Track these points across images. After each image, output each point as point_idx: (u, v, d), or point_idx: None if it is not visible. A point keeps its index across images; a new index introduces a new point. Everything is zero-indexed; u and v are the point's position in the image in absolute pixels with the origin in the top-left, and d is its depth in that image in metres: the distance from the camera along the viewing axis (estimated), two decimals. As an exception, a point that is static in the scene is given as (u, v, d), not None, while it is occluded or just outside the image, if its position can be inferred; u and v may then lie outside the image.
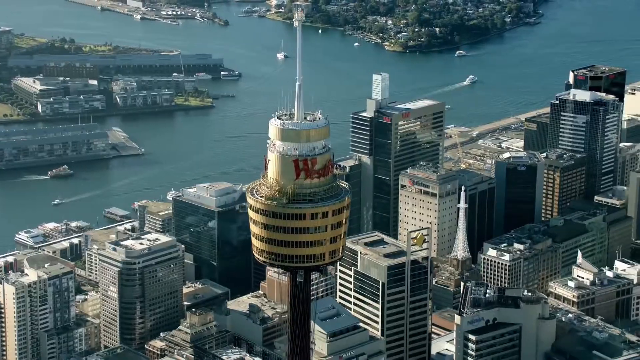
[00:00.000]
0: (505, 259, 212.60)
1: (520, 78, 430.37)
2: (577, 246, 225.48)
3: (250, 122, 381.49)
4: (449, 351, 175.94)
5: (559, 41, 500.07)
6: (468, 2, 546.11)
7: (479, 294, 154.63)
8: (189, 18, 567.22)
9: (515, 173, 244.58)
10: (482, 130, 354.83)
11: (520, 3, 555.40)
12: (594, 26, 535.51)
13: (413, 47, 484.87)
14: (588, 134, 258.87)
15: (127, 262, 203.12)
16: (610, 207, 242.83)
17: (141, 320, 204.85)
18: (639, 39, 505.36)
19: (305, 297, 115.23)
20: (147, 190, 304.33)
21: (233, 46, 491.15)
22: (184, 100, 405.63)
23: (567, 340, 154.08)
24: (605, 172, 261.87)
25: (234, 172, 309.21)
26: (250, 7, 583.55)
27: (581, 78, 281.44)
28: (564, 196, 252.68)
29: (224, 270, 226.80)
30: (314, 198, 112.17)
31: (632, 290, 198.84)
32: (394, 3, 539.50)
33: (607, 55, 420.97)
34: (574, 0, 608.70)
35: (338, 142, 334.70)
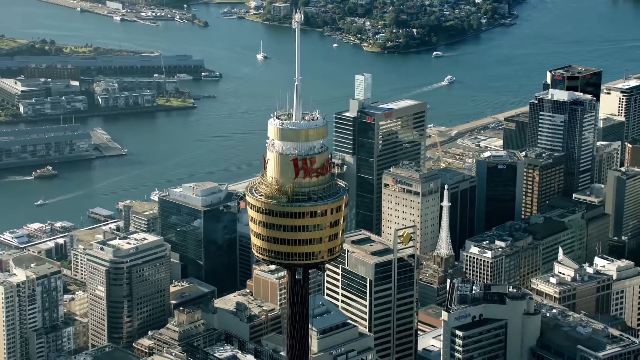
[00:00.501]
0: (488, 256, 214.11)
1: (497, 78, 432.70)
2: (557, 243, 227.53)
3: (231, 122, 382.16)
4: (435, 347, 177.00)
5: (534, 42, 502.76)
6: (444, 4, 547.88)
7: (466, 290, 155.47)
8: (168, 19, 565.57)
9: (495, 172, 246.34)
10: (460, 129, 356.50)
11: (496, 4, 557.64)
12: (568, 27, 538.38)
13: (391, 48, 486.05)
14: (566, 133, 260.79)
15: (115, 261, 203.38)
16: (588, 205, 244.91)
17: (129, 319, 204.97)
18: (611, 40, 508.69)
19: (304, 294, 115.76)
20: (130, 191, 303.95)
21: (213, 47, 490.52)
22: (165, 101, 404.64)
23: (552, 335, 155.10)
24: (583, 170, 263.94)
25: (216, 172, 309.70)
26: (229, 9, 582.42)
27: (558, 78, 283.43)
28: (543, 194, 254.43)
29: (210, 269, 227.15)
30: (313, 196, 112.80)
31: (611, 286, 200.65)
32: (372, 4, 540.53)
33: (581, 56, 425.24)
34: (547, 2, 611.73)
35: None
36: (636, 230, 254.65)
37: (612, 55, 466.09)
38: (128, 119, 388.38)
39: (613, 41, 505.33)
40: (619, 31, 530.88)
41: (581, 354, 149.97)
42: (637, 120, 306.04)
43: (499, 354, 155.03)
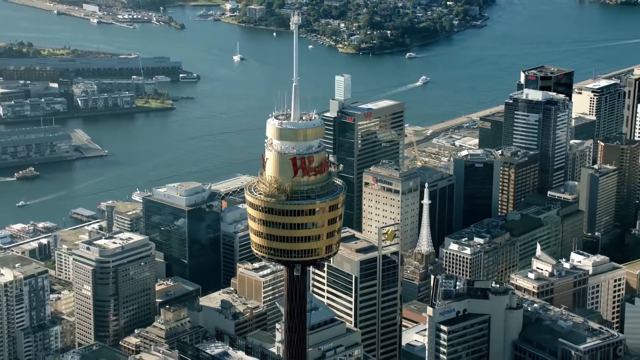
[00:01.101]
0: (467, 253, 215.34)
1: (469, 79, 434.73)
2: (534, 239, 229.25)
3: (210, 123, 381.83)
4: (418, 342, 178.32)
5: (505, 43, 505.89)
6: (417, 6, 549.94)
7: (449, 286, 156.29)
8: (145, 22, 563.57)
9: (473, 170, 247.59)
10: (435, 129, 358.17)
11: (467, 6, 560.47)
12: (537, 29, 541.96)
13: (366, 49, 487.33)
14: (540, 131, 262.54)
15: (101, 261, 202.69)
16: (563, 202, 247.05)
17: (115, 317, 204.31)
18: (578, 40, 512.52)
19: (302, 290, 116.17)
20: (111, 191, 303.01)
21: (190, 49, 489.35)
22: (144, 102, 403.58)
23: (534, 329, 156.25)
24: (557, 168, 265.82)
25: (196, 172, 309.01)
26: (205, 11, 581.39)
27: (532, 78, 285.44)
28: (519, 191, 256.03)
29: (194, 267, 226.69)
30: (311, 195, 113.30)
31: (587, 281, 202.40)
32: (346, 7, 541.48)
33: (550, 57, 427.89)
34: (517, 4, 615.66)
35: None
36: (609, 226, 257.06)
37: (581, 56, 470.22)
38: (107, 120, 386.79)
39: (580, 42, 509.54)
40: (586, 32, 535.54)
41: (562, 347, 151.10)
42: (608, 119, 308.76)
43: (483, 348, 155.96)
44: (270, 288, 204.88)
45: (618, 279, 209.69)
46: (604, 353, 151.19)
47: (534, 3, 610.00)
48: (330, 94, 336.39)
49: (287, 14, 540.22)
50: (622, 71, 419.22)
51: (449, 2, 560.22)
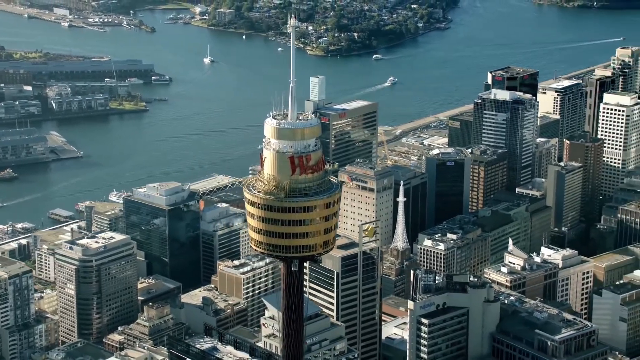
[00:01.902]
0: (440, 248, 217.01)
1: (435, 79, 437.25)
2: (504, 235, 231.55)
3: (183, 124, 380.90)
4: (397, 335, 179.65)
5: (468, 45, 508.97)
6: (383, 9, 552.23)
7: (429, 280, 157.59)
8: (116, 25, 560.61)
9: (444, 168, 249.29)
10: (404, 128, 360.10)
11: (431, 9, 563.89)
12: (498, 31, 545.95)
13: (334, 52, 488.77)
14: (508, 130, 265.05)
15: (84, 260, 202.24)
16: (531, 198, 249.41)
17: (98, 315, 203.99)
18: (538, 42, 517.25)
19: (299, 285, 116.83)
20: (88, 192, 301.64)
21: (161, 52, 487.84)
22: (118, 104, 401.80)
23: (511, 321, 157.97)
24: (525, 165, 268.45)
25: (172, 172, 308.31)
26: (175, 15, 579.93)
27: (499, 79, 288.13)
28: (488, 189, 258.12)
29: (174, 265, 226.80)
30: (309, 192, 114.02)
31: (557, 274, 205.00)
32: (314, 10, 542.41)
33: (512, 58, 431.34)
34: (479, 7, 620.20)
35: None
36: (575, 221, 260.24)
37: (541, 57, 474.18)
38: (82, 123, 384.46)
39: (540, 44, 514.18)
40: (545, 35, 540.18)
41: (539, 337, 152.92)
42: (571, 118, 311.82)
43: (462, 340, 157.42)
44: (250, 285, 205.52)
45: (586, 272, 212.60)
46: (579, 343, 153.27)
47: (494, 6, 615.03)
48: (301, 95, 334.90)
49: (256, 17, 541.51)
50: (581, 72, 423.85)
51: (414, 6, 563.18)
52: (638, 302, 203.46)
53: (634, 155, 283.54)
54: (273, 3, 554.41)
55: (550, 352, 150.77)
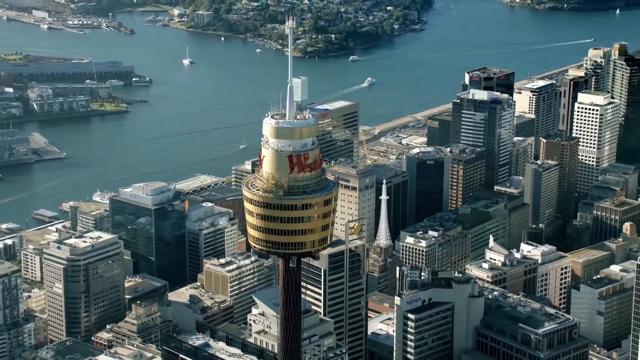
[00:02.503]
0: (422, 245, 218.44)
1: (412, 80, 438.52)
2: (484, 232, 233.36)
3: (164, 125, 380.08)
4: (383, 330, 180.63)
5: (443, 46, 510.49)
6: (359, 11, 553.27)
7: (415, 276, 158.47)
8: (95, 27, 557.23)
9: (424, 167, 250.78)
10: (383, 128, 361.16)
11: (406, 11, 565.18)
12: (472, 32, 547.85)
13: (311, 53, 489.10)
14: (486, 129, 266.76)
15: (72, 259, 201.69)
16: (509, 196, 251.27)
17: (86, 313, 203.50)
18: (511, 43, 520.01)
19: (297, 281, 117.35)
20: (71, 192, 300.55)
21: (141, 54, 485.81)
22: (99, 105, 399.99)
23: (495, 315, 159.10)
24: (502, 164, 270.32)
25: (155, 172, 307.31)
26: (154, 17, 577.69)
27: (476, 79, 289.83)
28: (467, 187, 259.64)
29: (161, 264, 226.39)
30: (307, 190, 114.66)
31: (537, 270, 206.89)
32: (291, 12, 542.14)
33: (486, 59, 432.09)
34: (452, 9, 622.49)
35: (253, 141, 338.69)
36: (551, 218, 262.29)
37: (514, 58, 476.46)
38: (64, 124, 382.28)
39: (513, 45, 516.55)
40: (518, 36, 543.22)
41: (522, 331, 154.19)
42: (546, 117, 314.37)
43: (447, 334, 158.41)
44: (236, 282, 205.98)
45: (564, 267, 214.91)
46: (561, 336, 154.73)
47: (468, 8, 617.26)
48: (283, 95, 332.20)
49: (234, 19, 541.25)
50: (553, 72, 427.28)
51: (389, 8, 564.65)
52: (614, 296, 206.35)
53: (607, 153, 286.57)
54: (251, 5, 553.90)
55: (534, 345, 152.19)
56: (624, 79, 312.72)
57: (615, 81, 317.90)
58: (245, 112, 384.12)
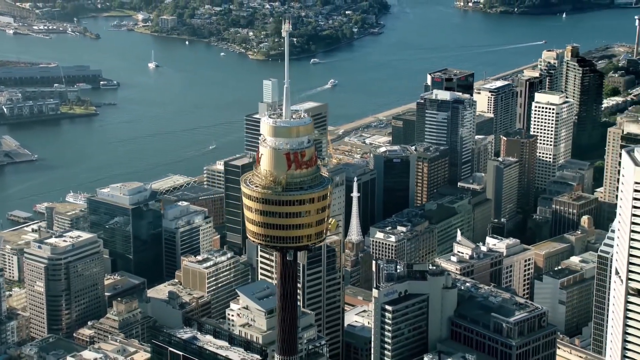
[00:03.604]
0: (392, 240, 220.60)
1: (372, 82, 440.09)
2: (449, 226, 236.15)
3: (133, 127, 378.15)
4: (358, 322, 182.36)
5: (401, 49, 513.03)
6: (319, 15, 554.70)
7: (391, 270, 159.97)
8: (60, 32, 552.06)
9: (391, 165, 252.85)
10: (346, 128, 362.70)
11: (364, 15, 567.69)
12: (428, 36, 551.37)
13: (275, 56, 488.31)
14: (449, 128, 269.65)
15: (53, 258, 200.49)
16: (472, 192, 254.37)
17: (67, 311, 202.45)
18: (465, 46, 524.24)
19: (293, 274, 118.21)
20: (45, 194, 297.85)
21: (107, 58, 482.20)
22: (69, 109, 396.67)
23: (468, 305, 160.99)
24: (465, 161, 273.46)
25: (127, 173, 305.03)
26: (118, 22, 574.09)
27: (437, 80, 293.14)
28: (432, 183, 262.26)
29: (138, 262, 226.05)
30: (304, 186, 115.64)
31: (502, 262, 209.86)
32: (253, 16, 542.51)
33: (442, 61, 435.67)
34: (409, 13, 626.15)
35: (221, 142, 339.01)
36: (512, 212, 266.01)
37: (469, 60, 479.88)
38: (34, 127, 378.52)
39: (467, 47, 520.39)
40: (471, 39, 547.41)
41: (494, 320, 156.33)
42: (504, 116, 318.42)
43: (423, 324, 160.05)
44: (213, 279, 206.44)
45: (528, 259, 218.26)
46: (531, 324, 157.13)
47: (423, 12, 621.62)
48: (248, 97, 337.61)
49: (198, 23, 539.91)
50: (507, 73, 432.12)
51: (348, 12, 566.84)
52: (575, 286, 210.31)
53: (563, 150, 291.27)
54: (214, 10, 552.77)
55: (506, 333, 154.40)
56: (577, 79, 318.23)
57: (568, 81, 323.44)
58: (213, 113, 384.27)
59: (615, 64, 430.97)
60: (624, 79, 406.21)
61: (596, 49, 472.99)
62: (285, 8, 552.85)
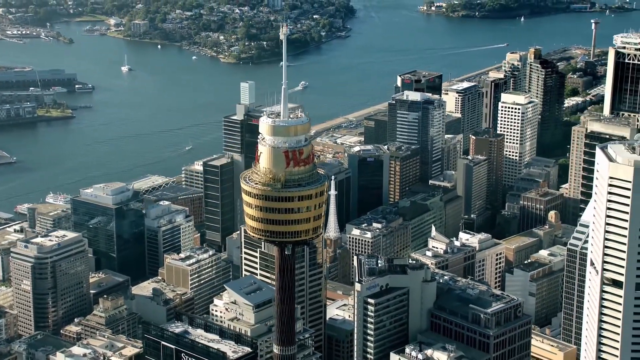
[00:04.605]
0: (368, 237, 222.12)
1: (341, 84, 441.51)
2: (422, 223, 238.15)
3: (109, 129, 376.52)
4: (339, 316, 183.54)
5: (368, 52, 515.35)
6: (287, 19, 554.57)
7: (372, 264, 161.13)
8: (34, 37, 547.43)
9: (365, 164, 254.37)
10: (318, 129, 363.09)
11: (331, 19, 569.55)
12: (393, 39, 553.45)
13: (245, 59, 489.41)
14: (420, 128, 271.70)
15: (39, 257, 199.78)
16: (444, 189, 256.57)
17: (54, 308, 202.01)
18: (430, 48, 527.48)
19: (291, 267, 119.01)
20: (25, 195, 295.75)
21: (81, 62, 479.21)
22: (45, 112, 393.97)
23: (446, 297, 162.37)
24: (435, 159, 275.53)
25: (106, 174, 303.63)
26: (91, 26, 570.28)
27: (407, 81, 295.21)
28: (404, 181, 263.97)
29: (122, 260, 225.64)
30: (302, 183, 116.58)
31: (475, 256, 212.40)
32: (224, 20, 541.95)
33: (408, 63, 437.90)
34: (374, 17, 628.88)
35: (197, 143, 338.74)
36: (482, 209, 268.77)
37: (433, 62, 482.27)
38: (11, 130, 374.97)
39: (431, 50, 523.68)
40: (435, 41, 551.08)
41: (472, 311, 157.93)
42: (471, 116, 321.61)
43: (403, 316, 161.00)
44: (196, 276, 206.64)
45: (499, 253, 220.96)
46: (507, 314, 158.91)
47: (388, 16, 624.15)
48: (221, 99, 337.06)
49: (169, 28, 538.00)
50: (472, 74, 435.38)
51: (315, 16, 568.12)
52: (544, 278, 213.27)
53: (528, 148, 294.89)
54: (185, 15, 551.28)
55: (483, 323, 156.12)
56: (540, 80, 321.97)
57: (531, 82, 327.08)
58: (187, 115, 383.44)
59: (574, 66, 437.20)
60: (583, 79, 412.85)
61: (554, 51, 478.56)
62: (255, 13, 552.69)
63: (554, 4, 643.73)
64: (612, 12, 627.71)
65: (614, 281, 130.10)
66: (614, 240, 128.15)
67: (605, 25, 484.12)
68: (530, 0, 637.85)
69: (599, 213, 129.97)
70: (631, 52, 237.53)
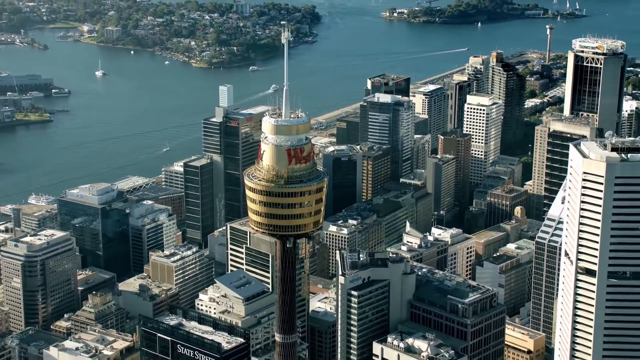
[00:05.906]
0: (344, 233, 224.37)
1: (309, 87, 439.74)
2: (395, 219, 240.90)
3: (87, 132, 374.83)
4: (321, 308, 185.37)
5: (334, 56, 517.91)
6: (256, 25, 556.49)
7: (355, 258, 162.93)
8: (9, 43, 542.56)
9: (339, 163, 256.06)
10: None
11: (298, 25, 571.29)
12: (358, 44, 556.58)
13: (217, 64, 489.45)
14: (391, 128, 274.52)
15: (29, 255, 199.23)
16: (415, 187, 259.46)
17: (44, 305, 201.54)
18: (392, 53, 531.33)
19: (292, 260, 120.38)
20: (7, 197, 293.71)
21: (56, 67, 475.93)
22: (23, 116, 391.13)
23: (425, 289, 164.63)
24: (405, 159, 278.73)
25: (85, 176, 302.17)
26: (64, 33, 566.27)
27: (377, 84, 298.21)
28: (376, 180, 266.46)
29: (107, 258, 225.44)
30: (303, 179, 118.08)
31: (447, 250, 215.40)
32: (195, 26, 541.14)
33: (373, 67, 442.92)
34: (339, 22, 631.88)
35: (174, 144, 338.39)
36: (450, 205, 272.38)
37: (398, 66, 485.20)
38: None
39: (394, 54, 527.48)
40: (398, 46, 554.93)
41: (450, 302, 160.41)
42: (437, 117, 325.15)
43: (385, 307, 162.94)
44: (180, 272, 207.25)
45: (469, 247, 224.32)
46: (483, 304, 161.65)
47: (352, 22, 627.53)
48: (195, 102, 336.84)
49: (142, 34, 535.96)
50: (435, 77, 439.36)
51: (283, 22, 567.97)
52: (512, 271, 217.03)
53: (493, 147, 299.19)
54: (156, 21, 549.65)
55: (461, 313, 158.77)
56: (502, 83, 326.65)
57: (494, 84, 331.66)
58: (162, 118, 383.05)
59: (531, 69, 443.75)
60: (540, 82, 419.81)
61: (511, 55, 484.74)
62: (225, 19, 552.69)
63: (509, 11, 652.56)
64: (563, 18, 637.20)
65: (588, 270, 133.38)
66: (588, 232, 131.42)
67: (559, 31, 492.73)
68: (487, 7, 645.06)
69: (573, 207, 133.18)
70: (589, 56, 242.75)
